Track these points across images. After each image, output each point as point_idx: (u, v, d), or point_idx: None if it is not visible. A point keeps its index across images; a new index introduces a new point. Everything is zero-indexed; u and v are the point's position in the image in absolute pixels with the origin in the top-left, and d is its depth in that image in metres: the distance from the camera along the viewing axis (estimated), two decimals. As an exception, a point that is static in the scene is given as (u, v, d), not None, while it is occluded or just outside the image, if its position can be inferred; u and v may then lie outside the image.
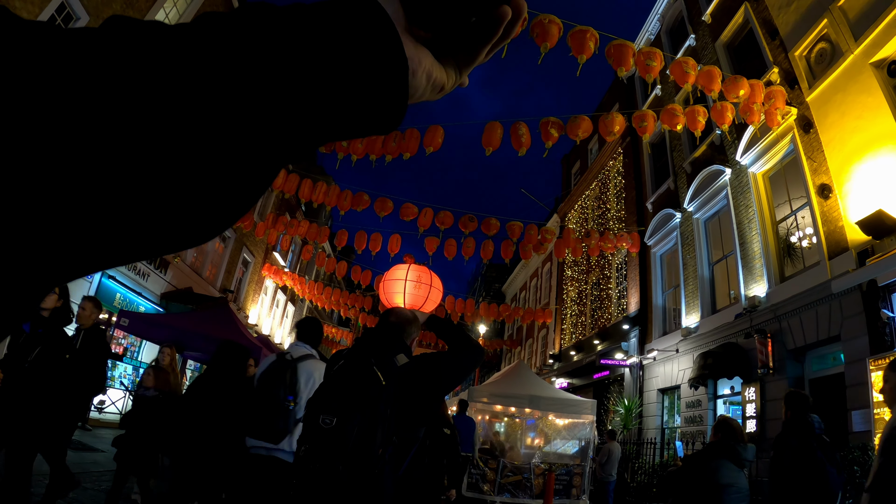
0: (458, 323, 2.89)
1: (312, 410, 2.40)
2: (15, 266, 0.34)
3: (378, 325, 2.81)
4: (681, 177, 15.78)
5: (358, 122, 0.44)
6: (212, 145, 0.37)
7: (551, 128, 10.04)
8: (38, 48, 0.33)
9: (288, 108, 0.39)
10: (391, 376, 2.41)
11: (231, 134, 0.37)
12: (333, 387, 2.43)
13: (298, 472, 2.35)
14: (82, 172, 0.33)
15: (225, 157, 0.38)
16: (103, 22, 0.37)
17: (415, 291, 15.90)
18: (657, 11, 18.24)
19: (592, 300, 21.54)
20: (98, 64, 0.34)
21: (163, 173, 0.35)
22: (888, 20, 8.70)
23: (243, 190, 0.40)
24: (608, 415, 17.21)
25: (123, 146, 0.34)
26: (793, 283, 10.56)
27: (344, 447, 2.23)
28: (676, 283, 15.49)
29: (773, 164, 11.93)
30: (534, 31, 8.12)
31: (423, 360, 2.61)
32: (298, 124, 0.40)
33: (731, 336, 11.99)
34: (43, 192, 0.32)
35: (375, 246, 15.40)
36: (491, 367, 34.17)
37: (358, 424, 2.26)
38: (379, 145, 11.08)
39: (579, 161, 26.78)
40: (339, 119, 0.43)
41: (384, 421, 2.33)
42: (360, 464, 2.24)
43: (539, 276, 30.01)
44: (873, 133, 8.98)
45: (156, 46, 0.36)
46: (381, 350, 2.54)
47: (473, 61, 0.54)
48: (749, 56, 13.20)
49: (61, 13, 9.95)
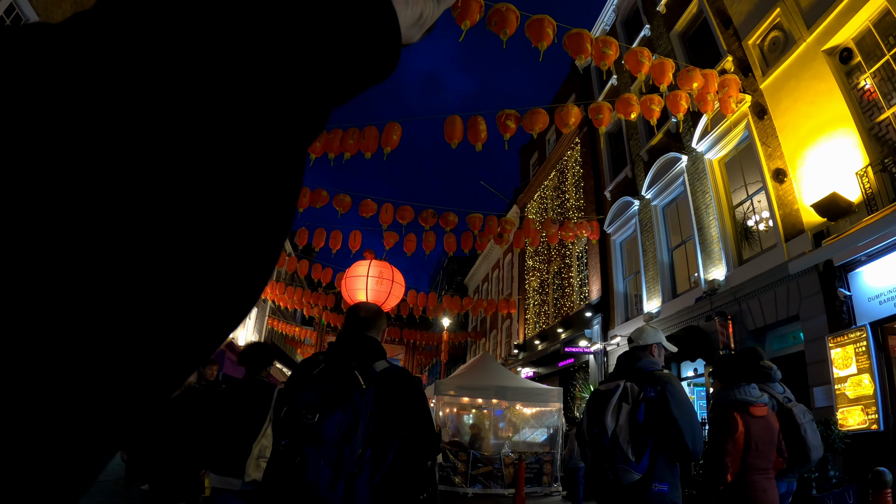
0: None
1: (293, 409, 2.40)
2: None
3: (348, 323, 2.82)
4: (638, 165, 16.02)
5: (353, 72, 0.38)
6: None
7: (508, 120, 10.06)
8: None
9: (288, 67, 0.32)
10: (371, 380, 2.46)
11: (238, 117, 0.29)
12: (314, 387, 2.45)
13: (278, 465, 2.36)
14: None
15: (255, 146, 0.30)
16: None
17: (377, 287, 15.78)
18: (612, 2, 18.43)
19: (554, 289, 21.74)
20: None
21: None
22: (840, 9, 8.97)
23: (279, 191, 0.32)
24: (575, 402, 17.41)
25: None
26: (751, 266, 10.84)
27: (325, 440, 2.25)
28: (637, 270, 15.75)
29: (729, 151, 12.21)
30: (491, 21, 8.10)
31: (399, 378, 2.62)
32: (304, 85, 0.33)
33: (693, 319, 12.26)
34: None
35: (336, 243, 15.23)
36: (456, 359, 34.26)
37: (339, 421, 2.29)
38: (337, 143, 10.93)
39: (537, 152, 26.97)
40: (336, 73, 0.36)
41: (364, 421, 2.36)
42: (340, 459, 2.26)
43: (501, 268, 30.17)
44: (826, 118, 9.26)
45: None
46: (360, 355, 2.59)
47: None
48: (703, 45, 13.46)
49: (10, 14, 9.52)
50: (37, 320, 0.23)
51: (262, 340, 31.65)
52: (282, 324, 28.92)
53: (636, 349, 3.53)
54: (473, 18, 7.94)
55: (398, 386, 2.58)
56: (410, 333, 26.72)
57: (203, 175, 0.28)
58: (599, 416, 3.27)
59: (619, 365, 3.53)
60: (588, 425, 3.40)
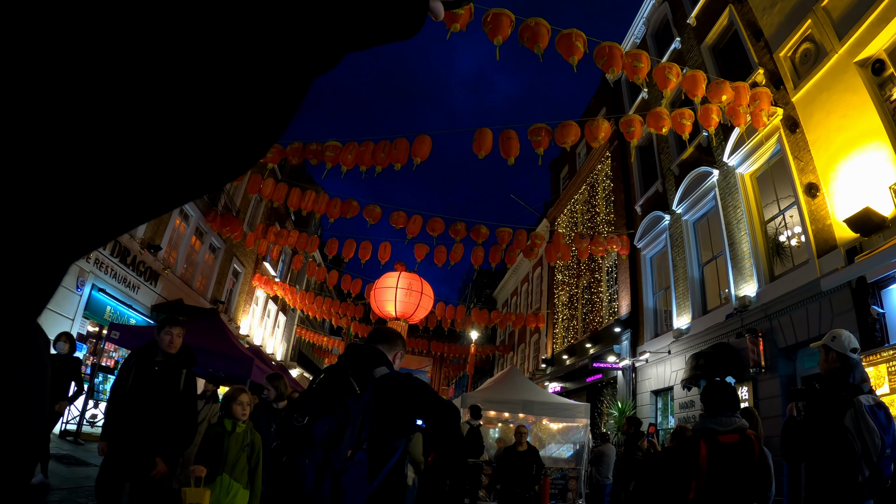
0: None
1: (287, 413, 2.54)
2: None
3: (365, 340, 3.00)
4: (669, 179, 15.86)
5: (373, 21, 0.40)
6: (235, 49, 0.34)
7: (539, 135, 10.10)
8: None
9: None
10: (367, 385, 2.57)
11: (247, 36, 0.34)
12: (311, 394, 2.59)
13: (269, 466, 2.51)
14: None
15: (249, 64, 0.35)
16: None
17: (406, 299, 15.84)
18: (642, 15, 18.37)
19: (584, 304, 21.56)
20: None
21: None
22: (871, 19, 8.80)
23: (275, 105, 0.37)
24: (602, 418, 17.20)
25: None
26: (782, 282, 10.62)
27: (311, 442, 2.35)
28: (667, 285, 15.54)
29: (761, 165, 12.02)
30: (524, 36, 8.17)
31: (400, 382, 2.73)
32: (317, 23, 0.37)
33: (723, 336, 12.04)
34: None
35: (365, 254, 15.38)
36: (483, 373, 34.13)
37: (327, 423, 2.39)
38: (368, 156, 11.07)
39: (567, 165, 26.88)
40: (362, 18, 0.39)
41: (354, 424, 2.45)
42: (326, 459, 2.35)
43: (530, 281, 30.04)
44: (858, 131, 9.07)
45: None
46: (360, 362, 2.71)
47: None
48: (734, 58, 13.32)
49: None
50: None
51: (290, 347, 31.96)
52: (310, 333, 29.21)
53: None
54: (505, 33, 8.02)
55: (399, 388, 2.67)
56: (438, 346, 26.73)
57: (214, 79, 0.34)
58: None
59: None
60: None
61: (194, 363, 4.51)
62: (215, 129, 0.35)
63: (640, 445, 9.50)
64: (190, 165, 0.35)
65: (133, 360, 4.36)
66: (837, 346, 3.90)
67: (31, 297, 0.34)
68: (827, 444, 3.64)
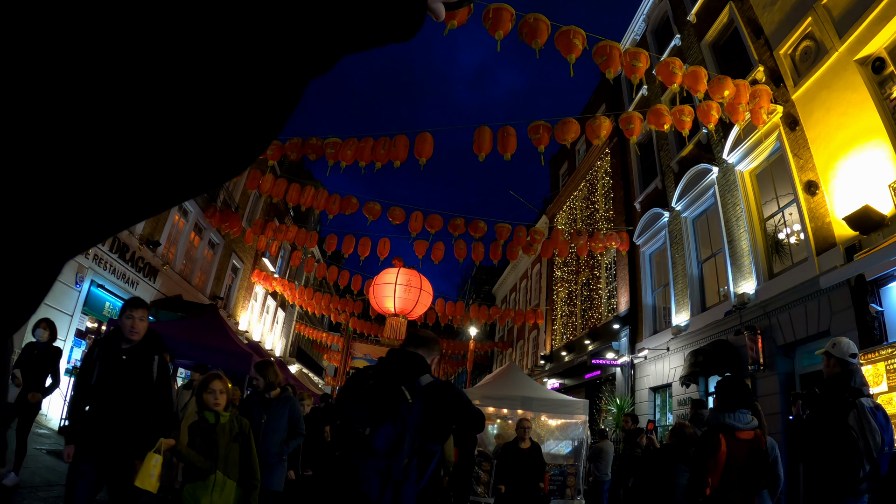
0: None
1: (347, 422, 2.61)
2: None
3: (403, 344, 3.13)
4: (668, 176, 15.86)
5: (377, 23, 0.41)
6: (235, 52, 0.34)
7: (538, 132, 10.09)
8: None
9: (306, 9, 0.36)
10: (416, 394, 2.69)
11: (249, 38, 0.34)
12: (366, 402, 2.66)
13: (333, 473, 2.55)
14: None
15: (247, 68, 0.35)
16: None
17: (405, 295, 15.83)
18: (642, 12, 18.33)
19: (582, 300, 21.57)
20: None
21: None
22: (872, 17, 8.79)
23: (271, 106, 0.38)
24: (600, 414, 17.23)
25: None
26: (781, 280, 10.63)
27: (375, 452, 2.45)
28: (666, 282, 15.55)
29: (760, 162, 12.01)
30: (522, 32, 8.16)
31: (444, 391, 2.91)
32: (318, 25, 0.37)
33: (721, 333, 12.05)
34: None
35: (364, 250, 15.37)
36: (482, 369, 34.15)
37: (387, 433, 2.49)
38: (368, 152, 11.06)
39: (567, 162, 26.85)
40: (359, 21, 0.40)
41: (411, 433, 2.57)
42: (389, 469, 2.45)
43: (529, 278, 30.04)
44: (858, 129, 9.06)
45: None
46: (407, 371, 2.82)
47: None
48: (734, 55, 13.30)
49: None
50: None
51: (288, 343, 31.96)
52: (309, 329, 29.21)
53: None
54: (506, 28, 8.02)
55: (443, 397, 2.84)
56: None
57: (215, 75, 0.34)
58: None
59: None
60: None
61: (165, 349, 4.09)
62: (214, 128, 0.35)
63: (639, 442, 9.53)
64: (189, 164, 0.36)
65: (97, 351, 3.89)
66: (837, 352, 4.18)
67: (27, 293, 0.34)
68: (832, 442, 3.88)
